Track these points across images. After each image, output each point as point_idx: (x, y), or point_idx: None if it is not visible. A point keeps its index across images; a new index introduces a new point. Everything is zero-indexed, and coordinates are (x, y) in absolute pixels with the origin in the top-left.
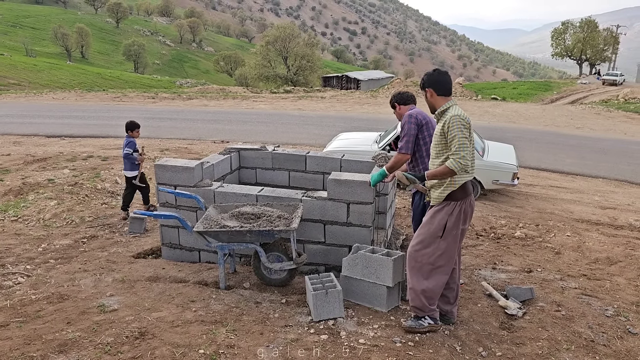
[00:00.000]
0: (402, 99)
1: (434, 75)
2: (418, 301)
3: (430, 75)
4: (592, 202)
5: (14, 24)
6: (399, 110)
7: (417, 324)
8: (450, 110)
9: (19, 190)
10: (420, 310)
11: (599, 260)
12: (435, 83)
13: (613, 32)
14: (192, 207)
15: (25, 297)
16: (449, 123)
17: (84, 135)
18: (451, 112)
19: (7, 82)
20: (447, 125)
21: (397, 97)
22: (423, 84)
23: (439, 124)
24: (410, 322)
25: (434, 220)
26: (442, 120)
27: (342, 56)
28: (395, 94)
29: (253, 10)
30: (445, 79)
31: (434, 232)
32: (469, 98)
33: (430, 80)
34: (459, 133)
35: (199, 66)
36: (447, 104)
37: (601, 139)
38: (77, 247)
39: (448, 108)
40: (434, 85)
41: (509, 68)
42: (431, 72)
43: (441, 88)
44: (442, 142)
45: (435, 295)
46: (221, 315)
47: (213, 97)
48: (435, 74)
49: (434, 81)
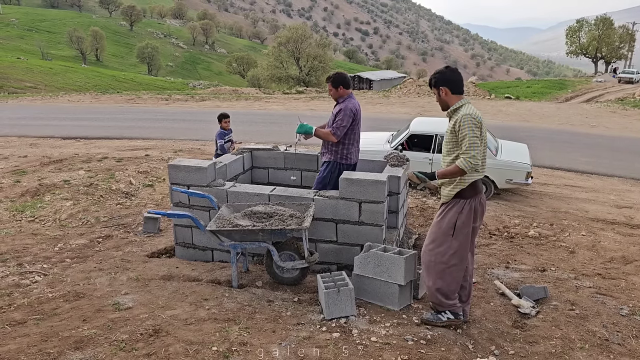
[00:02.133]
0: (347, 83)
1: (447, 74)
2: (435, 298)
3: (443, 73)
4: (608, 201)
5: (30, 28)
6: (340, 91)
7: (435, 317)
8: (462, 109)
9: (36, 191)
10: (439, 305)
11: (614, 260)
12: (450, 82)
13: (629, 29)
14: (205, 206)
15: (42, 295)
16: (460, 121)
17: (98, 136)
18: (463, 110)
19: (24, 85)
20: (459, 123)
21: (342, 80)
22: (436, 81)
23: (451, 121)
24: (429, 315)
25: (444, 218)
26: (454, 118)
27: (354, 56)
28: (341, 75)
29: (265, 12)
30: (459, 77)
31: (445, 231)
32: (482, 97)
33: (444, 79)
34: (469, 132)
35: (211, 68)
36: (460, 102)
37: (617, 138)
38: (92, 246)
39: (461, 106)
40: (449, 84)
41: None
42: (443, 69)
43: (455, 87)
44: (453, 140)
45: (451, 292)
46: (234, 314)
47: (226, 98)
48: (448, 72)
49: (449, 80)
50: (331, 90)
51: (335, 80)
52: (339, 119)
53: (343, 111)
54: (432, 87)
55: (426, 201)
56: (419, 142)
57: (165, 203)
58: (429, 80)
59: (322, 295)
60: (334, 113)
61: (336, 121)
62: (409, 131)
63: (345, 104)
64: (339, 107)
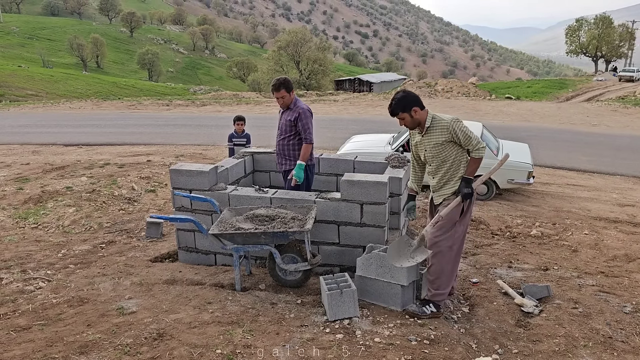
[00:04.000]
0: (290, 87)
1: (409, 96)
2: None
3: (406, 97)
4: (610, 200)
5: (31, 36)
6: (292, 95)
7: (420, 310)
8: (437, 118)
9: (39, 198)
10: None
11: (617, 258)
12: (415, 101)
13: (629, 27)
14: (207, 210)
15: (47, 301)
16: (452, 128)
17: (100, 143)
18: (440, 119)
19: (25, 93)
20: (451, 130)
21: (287, 83)
22: (404, 106)
23: (432, 134)
24: (414, 308)
25: (450, 207)
26: (436, 130)
27: (354, 59)
28: (284, 80)
29: (265, 16)
30: (416, 95)
31: (452, 218)
32: (483, 98)
33: (410, 101)
34: (466, 130)
35: (212, 73)
36: (430, 115)
37: (618, 136)
38: (95, 252)
39: (433, 117)
40: (417, 103)
41: (523, 67)
42: (403, 95)
43: (420, 102)
44: (444, 152)
45: (450, 280)
46: (237, 316)
47: (226, 103)
48: (408, 94)
49: (413, 100)
50: (285, 97)
51: (288, 85)
52: (305, 122)
53: (304, 114)
54: (401, 113)
55: (427, 202)
56: None
57: (167, 208)
58: (393, 111)
59: (325, 297)
60: (292, 119)
61: (303, 126)
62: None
63: (301, 107)
64: (295, 112)
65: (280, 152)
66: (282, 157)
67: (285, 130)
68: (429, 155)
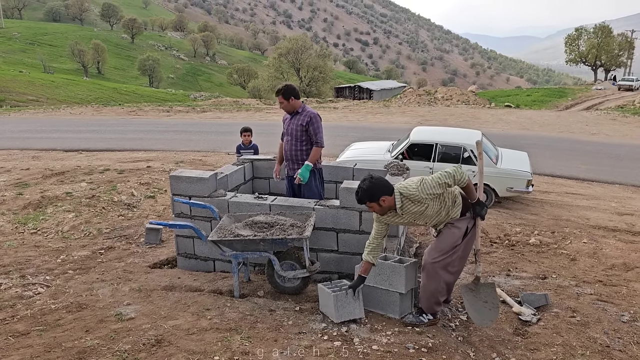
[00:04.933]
0: (290, 94)
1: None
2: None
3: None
4: (609, 209)
5: (32, 41)
6: (291, 102)
7: (417, 319)
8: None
9: (38, 204)
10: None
11: (616, 267)
12: (382, 190)
13: (628, 37)
14: (206, 217)
15: (45, 307)
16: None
17: (100, 149)
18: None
19: (26, 98)
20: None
21: (292, 91)
22: (371, 196)
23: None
24: (411, 318)
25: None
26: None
27: (355, 67)
28: (289, 86)
29: (265, 23)
30: (382, 181)
31: (455, 241)
32: (483, 106)
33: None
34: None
35: (212, 79)
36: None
37: (617, 145)
38: (94, 258)
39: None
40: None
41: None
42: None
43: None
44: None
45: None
46: (236, 323)
47: (227, 109)
48: (374, 183)
49: (380, 188)
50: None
51: (292, 92)
52: (316, 127)
53: (315, 119)
54: (369, 202)
55: None
56: (419, 152)
57: (167, 214)
58: (359, 200)
59: (332, 299)
60: (303, 124)
61: (315, 130)
62: (409, 140)
63: (311, 112)
64: (306, 117)
65: (291, 158)
66: (294, 162)
67: (297, 136)
68: (418, 220)
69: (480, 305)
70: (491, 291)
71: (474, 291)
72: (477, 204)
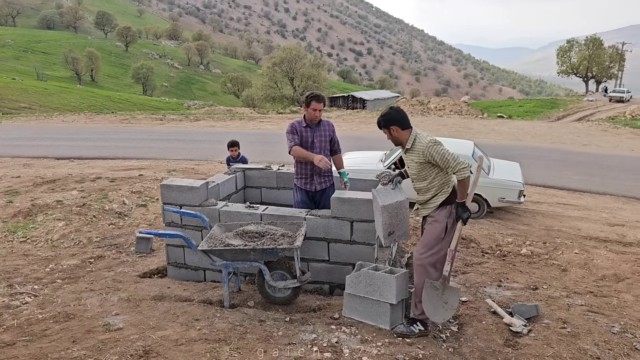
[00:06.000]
0: None
1: (392, 114)
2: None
3: (389, 114)
4: (600, 219)
5: (26, 49)
6: None
7: (408, 330)
8: (418, 140)
9: (28, 212)
10: (422, 314)
11: (606, 277)
12: (398, 120)
13: (618, 49)
14: (197, 226)
15: (32, 317)
16: (429, 152)
17: (92, 157)
18: (420, 140)
19: (18, 105)
20: (428, 153)
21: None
22: (385, 122)
23: (412, 154)
24: (402, 328)
25: (437, 225)
26: (415, 152)
27: (348, 76)
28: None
29: (260, 33)
30: (404, 115)
31: (438, 235)
32: (475, 116)
33: (392, 119)
34: (444, 153)
35: (206, 88)
36: (412, 135)
37: (608, 156)
38: (84, 267)
39: (415, 139)
40: (397, 123)
41: (515, 86)
42: (389, 110)
43: (404, 123)
44: (424, 171)
45: None
46: (225, 334)
47: (220, 118)
48: (394, 112)
49: (395, 119)
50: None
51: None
52: (336, 135)
53: (334, 127)
54: (383, 128)
55: (419, 220)
56: None
57: (158, 223)
58: (378, 122)
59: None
60: (329, 134)
61: (337, 139)
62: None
63: (328, 121)
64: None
65: (320, 171)
66: (323, 176)
67: (325, 147)
68: (411, 172)
69: (439, 304)
70: (454, 295)
71: (438, 290)
72: (461, 206)
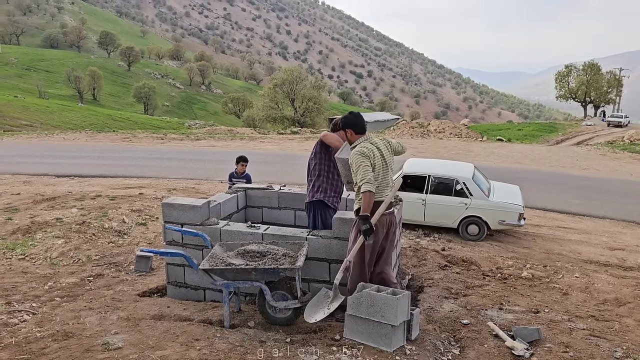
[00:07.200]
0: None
1: (351, 118)
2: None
3: (347, 118)
4: (600, 243)
5: (29, 67)
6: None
7: None
8: (361, 142)
9: (27, 229)
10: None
11: (608, 302)
12: (354, 125)
13: (616, 74)
14: (198, 245)
15: (31, 335)
16: (351, 157)
17: (93, 175)
18: (358, 144)
19: (20, 123)
20: (350, 158)
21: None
22: (343, 125)
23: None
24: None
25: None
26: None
27: (349, 98)
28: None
29: (261, 54)
30: (361, 121)
31: (352, 240)
32: (475, 139)
33: (349, 123)
34: (359, 164)
35: (207, 108)
36: (359, 140)
37: (607, 180)
38: (83, 285)
39: (358, 144)
40: (353, 127)
41: (514, 110)
42: (348, 115)
43: (358, 128)
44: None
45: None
46: (225, 354)
47: (221, 137)
48: (352, 117)
49: (353, 123)
50: None
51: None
52: None
53: None
54: (339, 129)
55: (420, 242)
56: (412, 183)
57: (158, 242)
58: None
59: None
60: None
61: None
62: (403, 172)
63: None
64: None
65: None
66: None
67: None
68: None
69: (320, 308)
70: (337, 303)
71: (327, 296)
72: (363, 218)
